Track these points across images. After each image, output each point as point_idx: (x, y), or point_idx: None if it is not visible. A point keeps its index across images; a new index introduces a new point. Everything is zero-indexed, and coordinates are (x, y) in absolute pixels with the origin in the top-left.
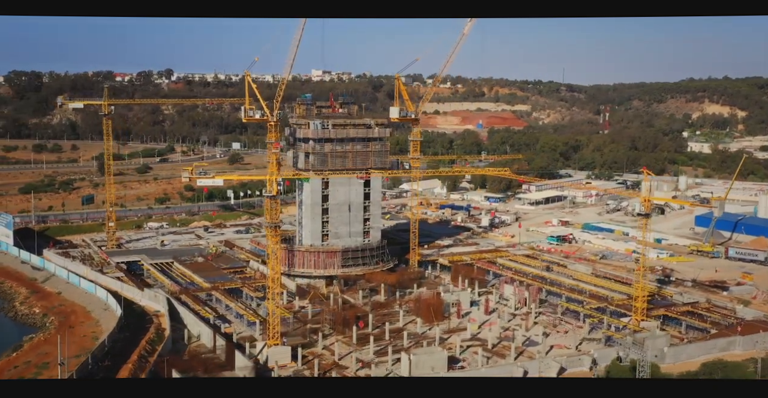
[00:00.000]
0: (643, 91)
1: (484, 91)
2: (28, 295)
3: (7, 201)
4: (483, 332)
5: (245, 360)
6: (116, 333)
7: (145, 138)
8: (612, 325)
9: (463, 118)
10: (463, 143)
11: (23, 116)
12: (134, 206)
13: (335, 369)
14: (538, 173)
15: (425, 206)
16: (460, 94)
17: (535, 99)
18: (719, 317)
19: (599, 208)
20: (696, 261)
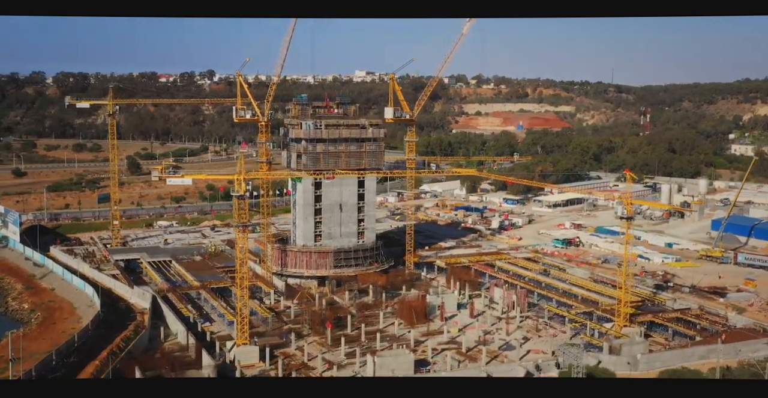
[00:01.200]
0: (693, 93)
1: (527, 92)
2: (22, 290)
3: (33, 199)
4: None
5: (209, 359)
6: (89, 329)
7: (184, 138)
8: (595, 330)
9: (504, 119)
10: (496, 144)
11: (69, 116)
12: (152, 205)
13: (302, 370)
14: (564, 174)
15: (440, 208)
16: (503, 95)
17: (580, 100)
18: (707, 324)
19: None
20: (702, 267)
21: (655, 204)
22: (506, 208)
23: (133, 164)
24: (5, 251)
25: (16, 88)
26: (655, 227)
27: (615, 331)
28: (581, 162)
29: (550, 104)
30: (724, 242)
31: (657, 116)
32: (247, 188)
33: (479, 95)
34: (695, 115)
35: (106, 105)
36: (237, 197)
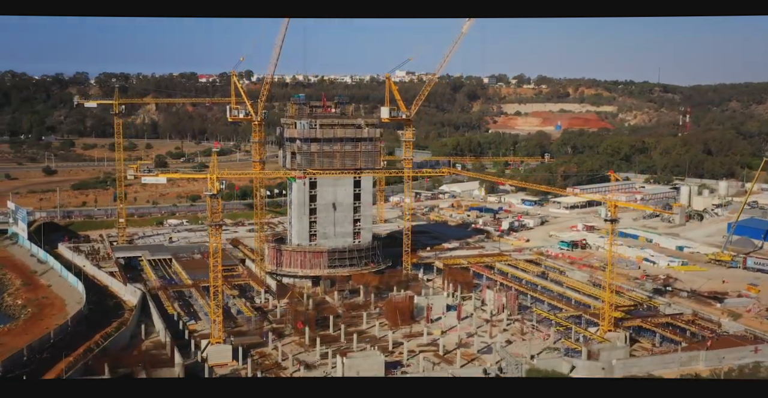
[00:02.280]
0: (743, 92)
1: (568, 92)
2: (20, 286)
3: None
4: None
5: (179, 357)
6: (68, 326)
7: (219, 137)
8: (580, 335)
9: (543, 119)
10: (527, 144)
11: (109, 115)
12: (171, 203)
13: (273, 370)
14: (588, 176)
15: (455, 208)
16: (543, 95)
17: (622, 100)
18: (696, 329)
19: (638, 213)
20: (708, 271)
21: (638, 206)
22: (521, 209)
23: (161, 162)
24: (14, 248)
25: (61, 88)
26: (672, 230)
27: (599, 336)
28: (608, 163)
29: (592, 104)
30: (738, 245)
31: (701, 116)
32: (221, 188)
33: (519, 95)
34: (743, 115)
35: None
36: (210, 196)
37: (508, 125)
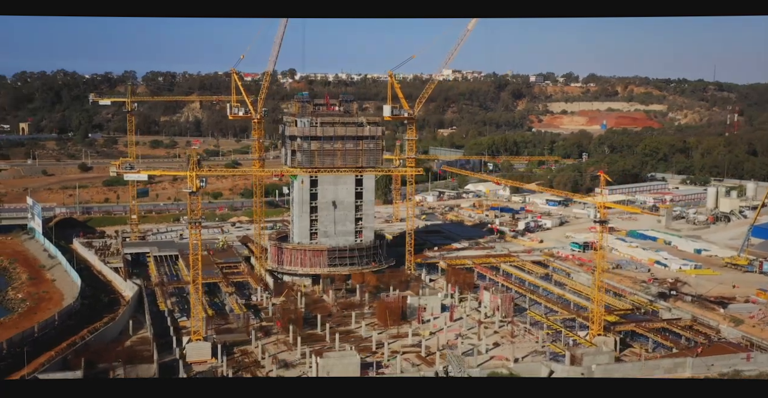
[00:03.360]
0: None
1: (617, 90)
2: (26, 280)
3: (85, 192)
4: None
5: (155, 354)
6: (55, 320)
7: None
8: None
9: (590, 118)
10: (564, 143)
11: (155, 113)
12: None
13: (251, 368)
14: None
15: (476, 208)
16: (591, 93)
17: (673, 99)
18: (692, 335)
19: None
20: (722, 275)
21: (626, 208)
22: (545, 209)
23: None
24: (30, 242)
25: (110, 86)
26: (694, 232)
27: (587, 340)
28: (642, 163)
29: (641, 103)
30: (760, 249)
31: (756, 116)
32: (200, 185)
33: (566, 94)
34: None
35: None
36: (189, 193)
37: (553, 124)
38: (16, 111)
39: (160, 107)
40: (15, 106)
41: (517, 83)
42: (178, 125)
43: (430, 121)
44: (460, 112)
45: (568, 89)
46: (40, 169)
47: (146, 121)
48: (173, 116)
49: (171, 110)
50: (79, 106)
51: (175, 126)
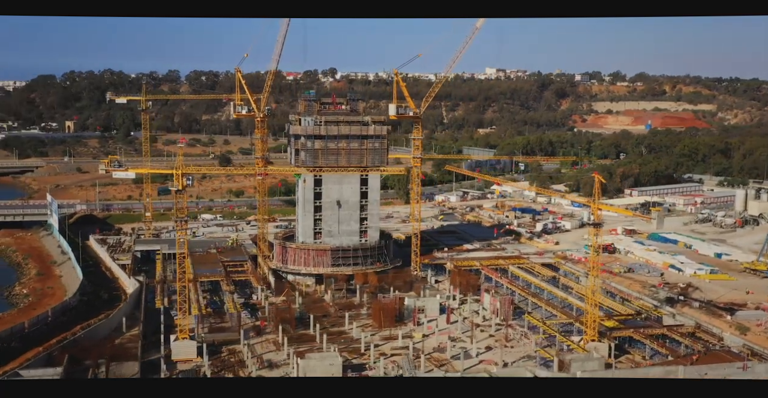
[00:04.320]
0: None
1: (665, 89)
2: (34, 276)
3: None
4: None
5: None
6: (48, 316)
7: None
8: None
9: (635, 118)
10: (602, 143)
11: (196, 112)
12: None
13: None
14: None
15: (498, 209)
16: (637, 92)
17: (723, 98)
18: (691, 342)
19: (691, 217)
20: (738, 280)
21: (620, 210)
22: (569, 210)
23: (225, 159)
24: (47, 238)
25: (154, 85)
26: (720, 236)
27: (579, 345)
28: (677, 164)
29: (689, 102)
30: None
31: None
32: (187, 183)
33: (611, 93)
34: None
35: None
36: (175, 191)
37: (596, 124)
38: (64, 110)
39: (202, 105)
40: (63, 104)
41: (561, 82)
42: (218, 123)
43: (469, 120)
44: (500, 111)
45: (614, 88)
46: (75, 166)
47: (187, 119)
48: (214, 114)
49: (212, 109)
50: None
51: (216, 125)
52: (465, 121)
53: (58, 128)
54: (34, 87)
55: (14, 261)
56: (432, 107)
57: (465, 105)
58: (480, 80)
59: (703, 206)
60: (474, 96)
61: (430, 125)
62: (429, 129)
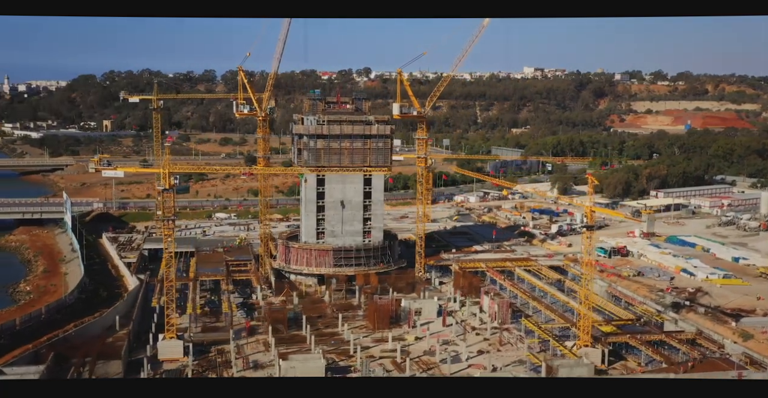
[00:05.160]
0: None
1: (707, 88)
2: (40, 273)
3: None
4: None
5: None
6: (41, 314)
7: None
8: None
9: (675, 118)
10: (635, 144)
11: (230, 111)
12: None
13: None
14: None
15: (517, 209)
16: (679, 92)
17: None
18: (688, 349)
19: (715, 220)
20: (751, 285)
21: (613, 213)
22: None
23: (251, 158)
24: (61, 236)
25: (191, 85)
26: (742, 239)
27: (571, 351)
28: (708, 165)
29: (732, 102)
30: None
31: None
32: (174, 182)
33: (651, 92)
34: None
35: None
36: (162, 190)
37: (635, 124)
38: (104, 109)
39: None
40: (102, 104)
41: (600, 82)
42: (252, 122)
43: (503, 120)
44: (535, 111)
45: (654, 88)
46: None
47: (221, 118)
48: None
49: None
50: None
51: (250, 124)
52: (499, 120)
53: (96, 127)
54: (75, 87)
55: (25, 258)
56: (465, 107)
57: (499, 105)
58: (516, 80)
59: (729, 208)
60: (509, 95)
61: (463, 124)
62: (462, 129)
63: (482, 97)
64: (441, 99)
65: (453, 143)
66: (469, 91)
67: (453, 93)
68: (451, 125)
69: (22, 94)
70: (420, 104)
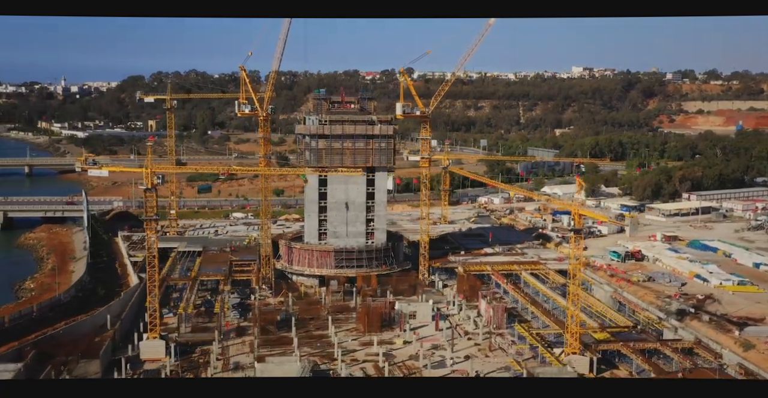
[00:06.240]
0: None
1: (762, 88)
2: (49, 270)
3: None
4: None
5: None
6: (33, 311)
7: None
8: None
9: (727, 118)
10: (676, 145)
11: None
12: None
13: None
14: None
15: (540, 211)
16: (732, 91)
17: None
18: (681, 358)
19: (744, 224)
20: (766, 292)
21: (597, 216)
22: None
23: (283, 157)
24: (78, 234)
25: (236, 86)
26: None
27: (556, 358)
28: (746, 167)
29: None
30: None
31: None
32: (157, 182)
33: (704, 92)
34: None
35: (305, 102)
36: (145, 190)
37: (685, 125)
38: (152, 109)
39: (279, 105)
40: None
41: (649, 81)
42: (296, 122)
43: (546, 120)
44: (579, 111)
45: (706, 87)
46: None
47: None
48: (291, 114)
49: (289, 109)
50: (206, 104)
51: (292, 124)
52: (542, 121)
53: (143, 126)
54: (124, 87)
55: (39, 256)
56: (508, 107)
57: (543, 105)
58: (561, 79)
59: (763, 212)
60: (553, 95)
61: (505, 124)
62: (504, 129)
63: (526, 97)
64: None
65: (491, 144)
66: (512, 91)
67: (495, 93)
68: (493, 125)
69: (75, 95)
70: (463, 104)
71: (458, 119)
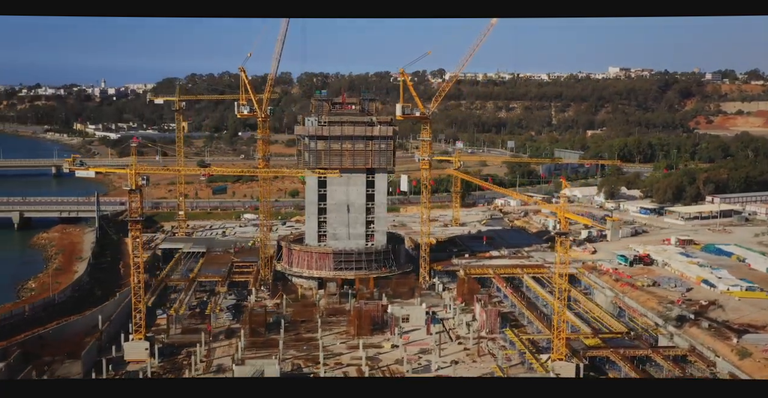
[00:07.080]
0: None
1: None
2: (54, 270)
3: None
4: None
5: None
6: (25, 311)
7: None
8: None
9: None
10: (708, 146)
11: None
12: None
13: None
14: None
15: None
16: None
17: None
18: (671, 366)
19: (765, 228)
20: None
21: (581, 219)
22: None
23: None
24: (89, 235)
25: None
26: None
27: (541, 364)
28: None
29: None
30: None
31: None
32: (142, 183)
33: (744, 92)
34: None
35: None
36: (129, 191)
37: (723, 126)
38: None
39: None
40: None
41: (687, 82)
42: None
43: (579, 121)
44: (613, 112)
45: (747, 88)
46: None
47: (294, 120)
48: None
49: None
50: None
51: None
52: (574, 122)
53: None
54: (159, 89)
55: (48, 255)
56: (540, 108)
57: (576, 106)
58: (596, 80)
59: None
60: (587, 96)
61: (537, 126)
62: (535, 130)
63: (558, 98)
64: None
65: (519, 145)
66: (545, 92)
67: (527, 94)
68: (524, 126)
69: (111, 97)
70: (494, 105)
71: (488, 120)
